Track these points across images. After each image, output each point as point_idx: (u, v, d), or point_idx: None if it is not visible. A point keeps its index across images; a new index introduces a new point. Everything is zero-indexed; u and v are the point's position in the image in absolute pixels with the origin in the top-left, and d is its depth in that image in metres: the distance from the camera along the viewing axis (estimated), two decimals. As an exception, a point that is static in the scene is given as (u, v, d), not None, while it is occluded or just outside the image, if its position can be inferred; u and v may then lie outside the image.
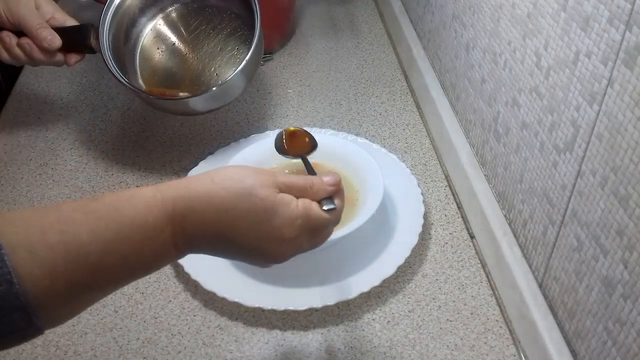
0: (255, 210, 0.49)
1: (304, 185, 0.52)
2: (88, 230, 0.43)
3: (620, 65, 0.46)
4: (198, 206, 0.48)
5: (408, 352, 0.65)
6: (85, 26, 0.79)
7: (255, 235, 0.49)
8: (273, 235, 0.50)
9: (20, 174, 0.89)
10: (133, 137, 0.95)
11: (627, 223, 0.47)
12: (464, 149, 0.82)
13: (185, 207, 0.48)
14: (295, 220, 0.50)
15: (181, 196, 0.48)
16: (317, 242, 0.54)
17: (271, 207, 0.49)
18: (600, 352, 0.52)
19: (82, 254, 0.43)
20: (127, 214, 0.46)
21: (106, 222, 0.45)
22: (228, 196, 0.48)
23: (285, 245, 0.51)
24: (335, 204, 0.53)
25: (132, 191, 0.48)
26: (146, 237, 0.46)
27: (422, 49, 1.02)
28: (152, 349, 0.66)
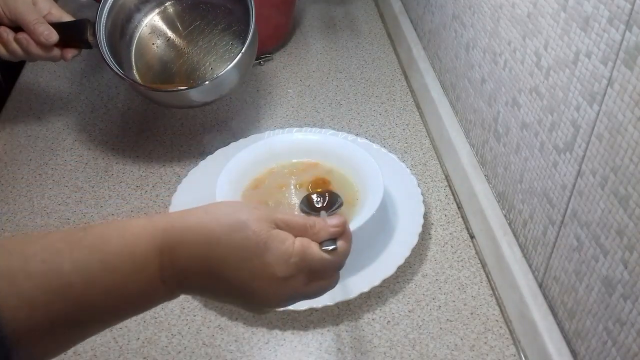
0: (247, 245, 0.45)
1: (303, 225, 0.49)
2: (71, 260, 0.41)
3: (620, 65, 0.46)
4: (188, 237, 0.45)
5: (408, 352, 0.65)
6: (82, 21, 0.80)
7: (246, 271, 0.45)
8: (265, 272, 0.46)
9: (20, 174, 0.89)
10: (133, 137, 0.95)
11: (627, 223, 0.47)
12: (464, 149, 0.82)
13: (175, 239, 0.45)
14: (290, 259, 0.46)
15: (171, 227, 0.45)
16: (320, 287, 0.49)
17: (264, 242, 0.45)
18: (600, 352, 0.52)
19: (63, 285, 0.40)
20: (113, 244, 0.43)
21: (90, 252, 0.42)
22: (220, 228, 0.45)
23: (278, 286, 0.46)
24: (338, 245, 0.49)
25: (122, 222, 0.46)
26: (132, 269, 0.43)
27: (422, 49, 1.02)
28: (152, 349, 0.66)
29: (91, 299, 0.42)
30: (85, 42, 0.80)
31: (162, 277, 0.45)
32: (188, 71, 0.89)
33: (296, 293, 0.48)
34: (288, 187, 0.78)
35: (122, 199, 0.84)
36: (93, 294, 0.42)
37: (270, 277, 0.46)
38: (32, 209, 0.83)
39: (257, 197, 0.77)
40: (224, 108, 1.01)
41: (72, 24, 0.80)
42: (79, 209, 0.83)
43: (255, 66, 1.11)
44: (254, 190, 0.78)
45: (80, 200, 0.84)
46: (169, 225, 0.45)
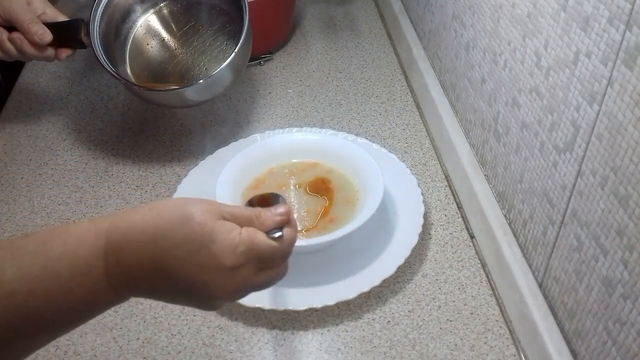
0: (193, 237, 0.44)
1: (249, 216, 0.48)
2: (13, 266, 0.40)
3: (620, 65, 0.46)
4: (132, 236, 0.44)
5: (408, 352, 0.65)
6: (76, 21, 0.81)
7: (193, 263, 0.45)
8: (212, 263, 0.45)
9: (20, 174, 0.89)
10: (133, 138, 0.95)
11: (627, 223, 0.47)
12: (464, 149, 0.82)
13: (119, 239, 0.44)
14: (237, 247, 0.45)
15: (115, 226, 0.44)
16: (268, 279, 0.49)
17: (209, 233, 0.45)
18: (600, 352, 0.52)
19: (6, 294, 0.40)
20: (56, 249, 0.42)
21: (33, 258, 0.41)
22: (164, 223, 0.45)
23: (228, 276, 0.46)
24: (284, 232, 0.49)
25: (66, 226, 0.45)
26: (76, 272, 0.42)
27: (422, 49, 1.02)
28: (152, 349, 0.66)
29: (35, 307, 0.41)
30: (80, 42, 0.81)
31: (108, 280, 0.44)
32: (182, 71, 0.89)
33: (246, 283, 0.47)
34: (288, 187, 0.78)
35: (122, 199, 0.84)
36: (37, 301, 0.41)
37: (218, 268, 0.45)
38: (32, 209, 0.83)
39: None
40: (224, 108, 1.01)
41: (66, 24, 0.80)
42: (79, 209, 0.83)
43: (255, 66, 1.11)
44: (254, 190, 0.78)
45: (80, 200, 0.84)
46: (112, 226, 0.45)
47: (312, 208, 0.76)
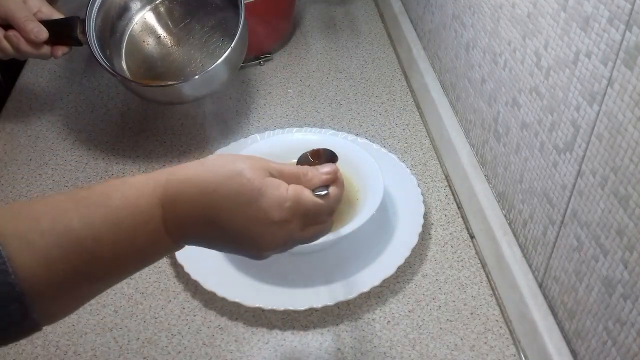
0: (242, 191, 0.47)
1: (296, 173, 0.51)
2: (79, 217, 0.43)
3: (620, 65, 0.46)
4: (186, 189, 0.47)
5: (408, 352, 0.65)
6: (72, 19, 0.81)
7: (242, 216, 0.47)
8: (260, 217, 0.47)
9: (20, 174, 0.89)
10: (133, 138, 0.95)
11: (627, 223, 0.47)
12: (464, 149, 0.82)
13: (174, 191, 0.47)
14: (284, 203, 0.48)
15: (170, 180, 0.47)
16: (314, 234, 0.52)
17: (258, 188, 0.47)
18: (600, 352, 0.52)
19: (74, 241, 0.42)
20: (117, 200, 0.45)
21: (96, 208, 0.44)
22: (215, 177, 0.47)
23: (275, 230, 0.48)
24: (330, 191, 0.51)
25: (125, 178, 0.47)
26: (137, 221, 0.45)
27: (422, 49, 1.02)
28: (152, 349, 0.66)
29: (101, 252, 0.43)
30: (75, 40, 0.81)
31: (166, 228, 0.46)
32: (179, 68, 0.89)
33: (293, 237, 0.50)
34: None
35: (122, 199, 0.84)
36: (102, 248, 0.43)
37: (266, 221, 0.47)
38: (32, 209, 0.83)
39: None
40: (224, 108, 1.01)
41: (62, 22, 0.80)
42: (79, 209, 0.83)
43: (255, 66, 1.11)
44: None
45: (80, 200, 0.84)
46: (168, 180, 0.47)
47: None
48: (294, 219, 0.49)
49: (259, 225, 0.48)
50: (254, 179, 0.47)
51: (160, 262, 0.75)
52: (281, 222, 0.48)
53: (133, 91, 0.85)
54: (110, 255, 0.44)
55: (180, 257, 0.72)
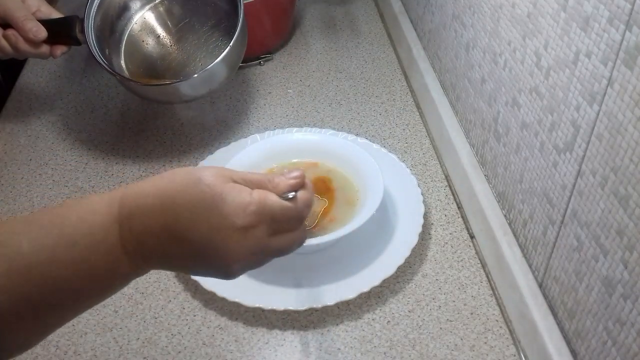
0: (202, 197, 0.44)
1: (262, 179, 0.47)
2: (29, 239, 0.41)
3: (620, 65, 0.46)
4: (143, 201, 0.44)
5: (408, 352, 0.65)
6: (71, 18, 0.81)
7: (204, 226, 0.44)
8: (223, 224, 0.44)
9: (20, 174, 0.89)
10: (133, 138, 0.95)
11: (627, 223, 0.47)
12: (464, 149, 0.82)
13: (131, 205, 0.44)
14: (248, 207, 0.44)
15: (127, 195, 0.45)
16: (286, 243, 0.48)
17: (220, 194, 0.44)
18: (600, 352, 0.52)
19: (25, 266, 0.40)
20: (70, 219, 0.43)
21: (48, 229, 0.42)
22: (174, 187, 0.44)
23: (239, 237, 0.44)
24: (298, 194, 0.47)
25: (79, 198, 0.45)
26: (92, 240, 0.43)
27: (422, 49, 1.02)
28: (152, 349, 0.66)
29: (54, 277, 0.41)
30: (74, 39, 0.81)
31: (123, 247, 0.44)
32: (178, 67, 0.89)
33: (261, 245, 0.46)
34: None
35: (122, 199, 0.84)
36: (55, 271, 0.41)
37: (229, 228, 0.44)
38: (32, 209, 0.83)
39: None
40: (224, 108, 1.01)
41: (60, 21, 0.80)
42: (79, 209, 0.83)
43: (255, 66, 1.11)
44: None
45: (80, 200, 0.84)
46: (124, 195, 0.45)
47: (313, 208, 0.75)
48: (260, 224, 0.45)
49: (222, 233, 0.44)
50: (214, 185, 0.44)
51: (160, 262, 0.75)
52: (246, 228, 0.44)
53: (132, 90, 0.86)
54: (65, 279, 0.42)
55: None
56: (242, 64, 1.11)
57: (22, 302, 0.40)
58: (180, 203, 0.44)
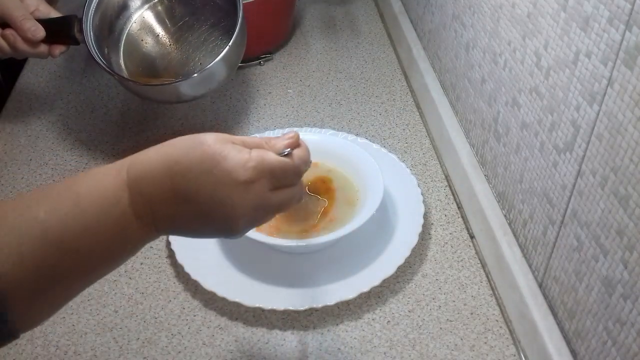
0: (205, 157, 0.47)
1: (259, 141, 0.51)
2: (45, 207, 0.43)
3: (620, 65, 0.46)
4: (149, 166, 0.47)
5: (408, 352, 0.65)
6: (70, 17, 0.81)
7: (208, 182, 0.47)
8: (226, 179, 0.47)
9: (20, 174, 0.89)
10: (133, 137, 0.95)
11: (627, 223, 0.47)
12: (464, 149, 0.82)
13: (138, 171, 0.47)
14: (247, 162, 0.48)
15: (133, 162, 0.48)
16: (285, 197, 0.51)
17: (220, 153, 0.47)
18: (600, 352, 0.52)
19: (41, 232, 0.42)
20: (82, 187, 0.45)
21: (62, 196, 0.44)
22: (176, 150, 0.48)
23: (242, 191, 0.47)
24: (294, 152, 0.51)
25: (89, 169, 0.48)
26: (104, 206, 0.45)
27: (422, 49, 1.02)
28: (152, 349, 0.66)
29: (70, 241, 0.43)
30: (73, 38, 0.81)
31: (135, 211, 0.46)
32: (177, 67, 0.89)
33: (263, 200, 0.49)
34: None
35: (122, 199, 0.84)
36: (70, 236, 0.43)
37: (232, 183, 0.47)
38: (32, 209, 0.83)
39: None
40: (224, 108, 1.01)
41: (59, 20, 0.80)
42: (79, 209, 0.83)
43: (255, 66, 1.11)
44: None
45: (80, 200, 0.84)
46: (131, 162, 0.48)
47: (312, 208, 0.76)
48: (260, 179, 0.48)
49: (226, 188, 0.47)
50: (215, 145, 0.47)
51: (160, 262, 0.75)
52: (247, 183, 0.47)
53: (131, 90, 0.85)
54: (80, 244, 0.44)
55: (180, 257, 0.72)
56: (242, 64, 1.11)
57: (38, 269, 0.42)
58: (184, 164, 0.47)
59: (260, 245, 0.72)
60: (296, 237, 0.72)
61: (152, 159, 0.48)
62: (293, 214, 0.75)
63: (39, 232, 0.42)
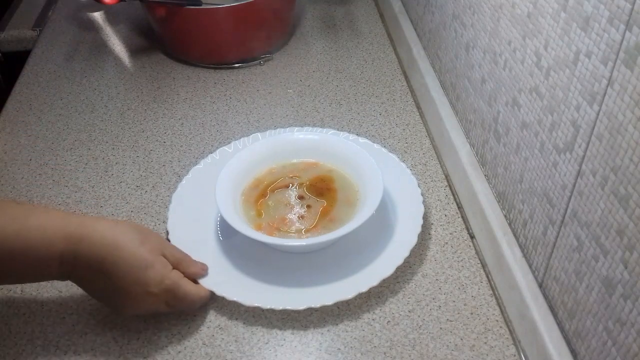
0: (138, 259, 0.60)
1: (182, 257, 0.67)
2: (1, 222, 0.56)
3: (620, 65, 0.46)
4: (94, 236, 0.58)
5: (408, 352, 0.65)
6: None
7: (129, 278, 0.59)
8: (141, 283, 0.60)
9: (20, 174, 0.89)
10: (133, 137, 0.95)
11: (627, 223, 0.47)
12: (464, 149, 0.82)
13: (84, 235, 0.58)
14: (164, 280, 0.62)
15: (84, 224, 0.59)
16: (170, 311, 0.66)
17: (151, 262, 0.61)
18: (600, 352, 0.52)
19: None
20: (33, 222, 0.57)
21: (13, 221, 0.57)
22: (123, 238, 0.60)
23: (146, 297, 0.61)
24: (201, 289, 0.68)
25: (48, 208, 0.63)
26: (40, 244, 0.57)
27: (422, 49, 1.02)
28: (152, 349, 0.66)
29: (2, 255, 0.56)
30: None
31: (61, 259, 0.58)
32: None
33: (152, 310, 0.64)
34: (288, 186, 0.79)
35: (122, 199, 0.84)
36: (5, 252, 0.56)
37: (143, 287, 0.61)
38: (32, 209, 0.83)
39: (256, 196, 0.77)
40: (224, 108, 1.01)
41: None
42: (78, 208, 0.83)
43: (255, 66, 1.11)
44: (254, 189, 0.78)
45: (80, 200, 0.84)
46: (82, 222, 0.59)
47: (312, 208, 0.76)
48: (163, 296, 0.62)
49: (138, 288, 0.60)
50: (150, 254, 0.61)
51: (160, 262, 0.75)
52: (154, 294, 0.61)
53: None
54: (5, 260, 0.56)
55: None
56: (242, 64, 1.11)
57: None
58: (121, 254, 0.59)
59: (260, 245, 0.72)
60: (296, 237, 0.72)
61: (99, 233, 0.59)
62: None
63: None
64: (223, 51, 1.10)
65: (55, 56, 1.17)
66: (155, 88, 1.07)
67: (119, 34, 1.23)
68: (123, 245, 0.59)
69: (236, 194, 0.76)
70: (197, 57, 1.12)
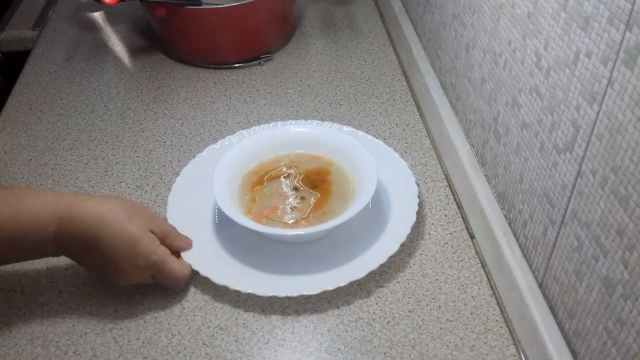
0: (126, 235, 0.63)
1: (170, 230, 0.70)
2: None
3: (620, 65, 0.46)
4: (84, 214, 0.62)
5: (408, 352, 0.65)
6: None
7: (118, 251, 0.63)
8: (130, 257, 0.64)
9: (20, 174, 0.89)
10: (133, 137, 0.95)
11: (627, 223, 0.47)
12: (464, 149, 0.82)
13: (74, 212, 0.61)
14: (152, 255, 0.65)
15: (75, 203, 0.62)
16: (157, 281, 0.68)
17: (139, 237, 0.64)
18: (600, 352, 0.52)
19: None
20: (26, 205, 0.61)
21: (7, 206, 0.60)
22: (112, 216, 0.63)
23: (134, 270, 0.65)
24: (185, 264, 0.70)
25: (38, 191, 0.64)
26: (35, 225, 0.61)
27: (422, 49, 1.02)
28: (152, 349, 0.66)
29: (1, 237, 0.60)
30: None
31: (55, 238, 0.62)
32: None
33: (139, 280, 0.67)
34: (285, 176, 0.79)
35: (122, 199, 0.84)
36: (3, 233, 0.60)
37: (132, 261, 0.64)
38: (32, 209, 0.83)
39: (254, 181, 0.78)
40: (224, 108, 1.01)
41: None
42: (79, 209, 0.83)
43: (255, 66, 1.11)
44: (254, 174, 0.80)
45: (80, 200, 0.84)
46: (73, 202, 0.62)
47: (306, 200, 0.76)
48: (149, 269, 0.66)
49: (127, 262, 0.64)
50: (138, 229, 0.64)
51: (160, 262, 0.75)
52: (140, 267, 0.65)
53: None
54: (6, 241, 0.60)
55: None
56: (242, 64, 1.11)
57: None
58: (110, 229, 0.62)
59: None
60: (282, 226, 0.73)
61: (89, 211, 0.62)
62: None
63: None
64: (223, 51, 1.10)
65: (55, 56, 1.17)
66: (155, 88, 1.07)
67: (119, 34, 1.23)
68: (112, 221, 0.62)
69: (236, 177, 0.78)
70: (197, 57, 1.12)
